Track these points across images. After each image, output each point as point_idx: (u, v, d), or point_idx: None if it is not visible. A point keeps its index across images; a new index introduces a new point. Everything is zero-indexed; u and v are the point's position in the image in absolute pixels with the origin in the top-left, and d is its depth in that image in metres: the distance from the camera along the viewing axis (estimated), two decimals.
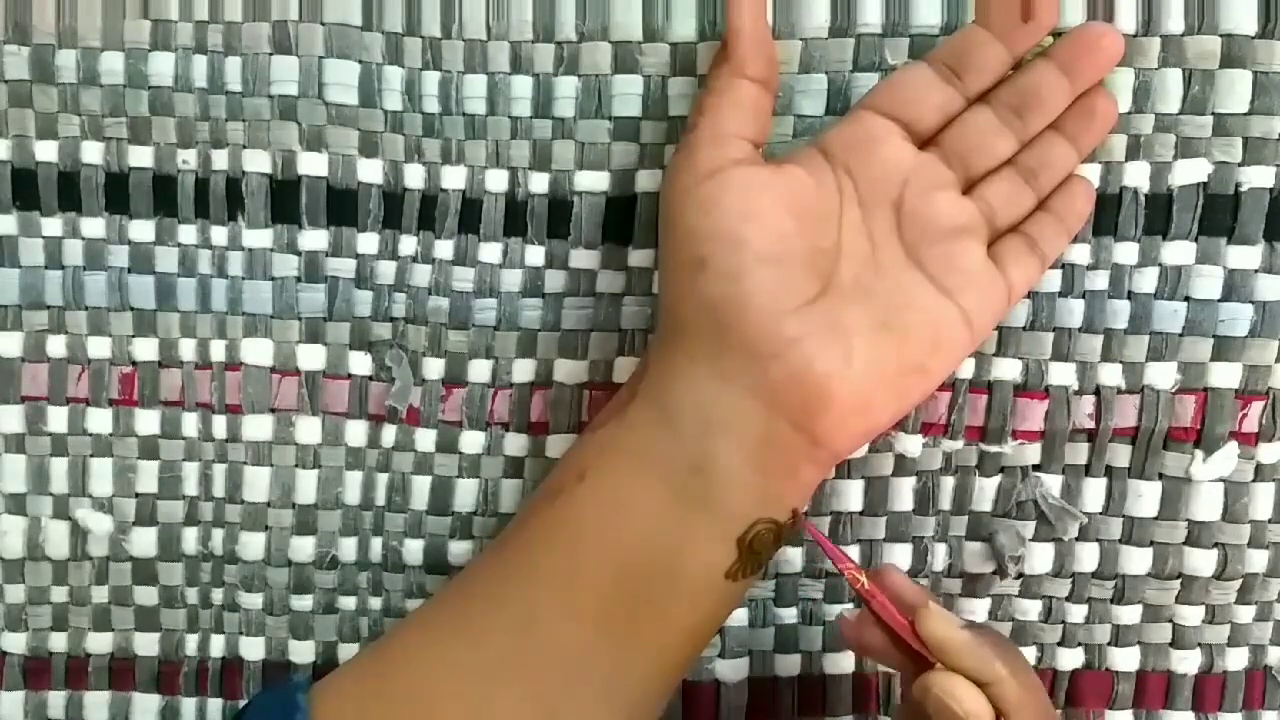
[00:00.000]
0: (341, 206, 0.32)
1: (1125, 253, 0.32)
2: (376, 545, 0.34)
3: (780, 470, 0.28)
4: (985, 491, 0.33)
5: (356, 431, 0.33)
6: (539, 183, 0.32)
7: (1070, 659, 0.34)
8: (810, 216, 0.28)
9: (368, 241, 0.32)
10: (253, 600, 0.34)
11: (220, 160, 0.32)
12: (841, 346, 0.27)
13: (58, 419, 0.33)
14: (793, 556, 0.33)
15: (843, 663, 0.34)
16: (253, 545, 0.33)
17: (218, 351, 0.33)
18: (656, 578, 0.27)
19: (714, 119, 0.28)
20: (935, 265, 0.29)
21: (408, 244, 0.32)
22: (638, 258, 0.32)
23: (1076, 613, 0.33)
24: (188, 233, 0.32)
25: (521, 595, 0.28)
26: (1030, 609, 0.33)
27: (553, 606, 0.27)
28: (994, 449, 0.32)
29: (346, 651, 0.34)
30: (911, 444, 0.32)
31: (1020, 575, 0.33)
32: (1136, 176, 0.31)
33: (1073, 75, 0.29)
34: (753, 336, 0.27)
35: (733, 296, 0.27)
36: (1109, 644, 0.33)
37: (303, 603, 0.34)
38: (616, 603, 0.27)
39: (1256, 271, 0.31)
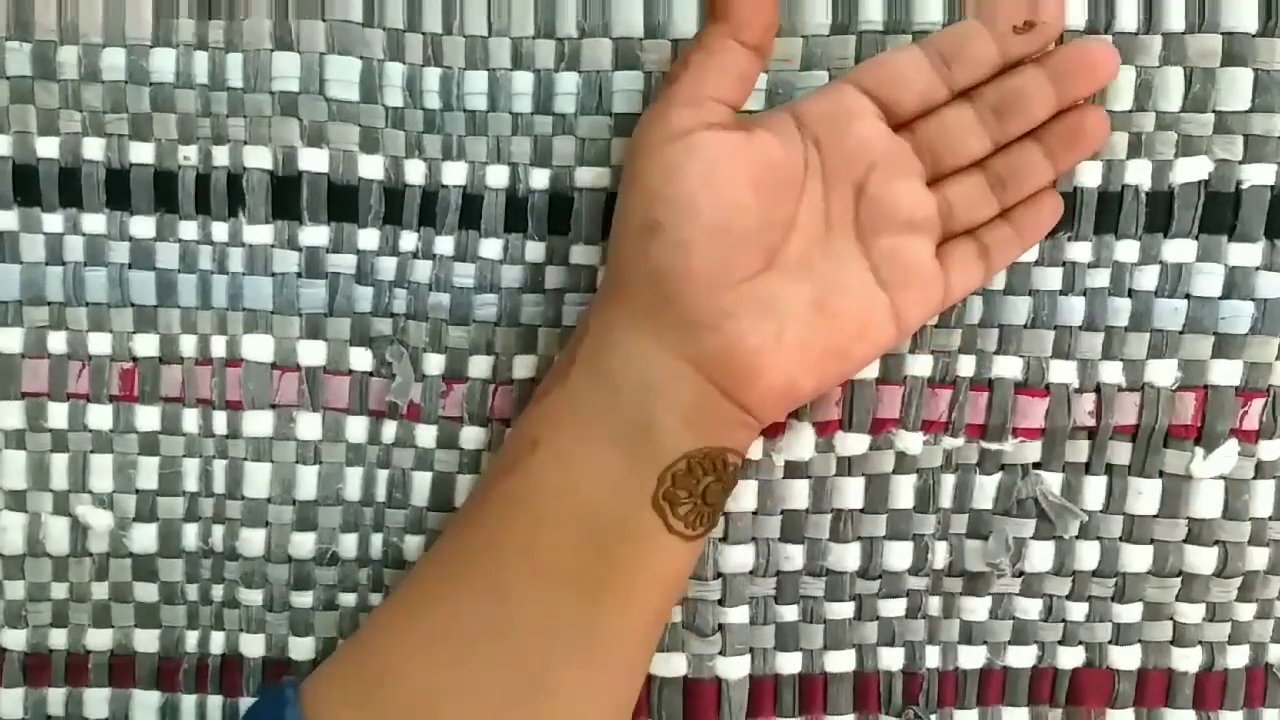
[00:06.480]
0: (342, 202, 0.32)
1: (1126, 250, 0.32)
2: (377, 541, 0.34)
3: (715, 434, 0.28)
4: (986, 489, 0.33)
5: (357, 427, 0.33)
6: (540, 179, 0.32)
7: (1071, 658, 0.34)
8: (770, 187, 0.28)
9: (368, 237, 0.32)
10: (253, 597, 0.34)
11: (221, 156, 0.32)
12: (774, 324, 0.28)
13: (58, 415, 0.33)
14: (793, 554, 0.33)
15: (844, 661, 0.34)
16: (253, 542, 0.33)
17: (218, 347, 0.33)
18: (617, 535, 0.28)
19: (696, 78, 0.28)
20: (881, 256, 0.29)
21: (408, 240, 0.32)
22: None
23: (1077, 611, 0.33)
24: (188, 229, 0.32)
25: (489, 569, 0.28)
26: (1031, 608, 0.33)
27: (521, 575, 0.28)
28: (994, 447, 0.32)
29: None
30: (912, 441, 0.32)
31: (1021, 574, 0.33)
32: (1137, 174, 0.31)
33: (1061, 87, 0.29)
34: (692, 308, 0.27)
35: (679, 268, 0.27)
36: (1110, 642, 0.33)
37: (303, 599, 0.34)
38: (581, 562, 0.28)
39: (1257, 269, 0.31)
